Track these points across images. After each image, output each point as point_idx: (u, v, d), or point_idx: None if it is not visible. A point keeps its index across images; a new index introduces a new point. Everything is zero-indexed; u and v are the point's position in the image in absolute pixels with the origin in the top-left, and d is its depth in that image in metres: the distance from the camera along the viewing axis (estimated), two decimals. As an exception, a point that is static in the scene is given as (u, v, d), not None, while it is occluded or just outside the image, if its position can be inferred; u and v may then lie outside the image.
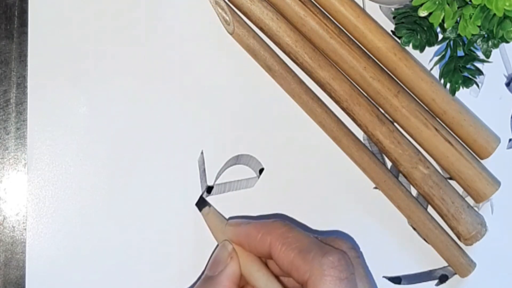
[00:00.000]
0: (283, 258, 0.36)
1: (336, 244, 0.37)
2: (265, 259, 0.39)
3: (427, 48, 0.42)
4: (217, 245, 0.40)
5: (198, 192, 0.43)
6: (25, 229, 0.42)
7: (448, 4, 0.39)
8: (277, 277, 0.38)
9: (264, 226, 0.37)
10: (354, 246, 0.38)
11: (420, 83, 0.43)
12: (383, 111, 0.44)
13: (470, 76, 0.42)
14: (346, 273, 0.34)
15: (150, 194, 0.43)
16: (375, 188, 0.44)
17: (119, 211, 0.42)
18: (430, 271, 0.45)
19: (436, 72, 0.43)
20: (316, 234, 0.38)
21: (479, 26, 0.39)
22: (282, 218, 0.41)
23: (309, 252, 0.35)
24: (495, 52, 0.42)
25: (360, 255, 0.37)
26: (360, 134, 0.44)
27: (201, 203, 0.43)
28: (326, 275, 0.34)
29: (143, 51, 0.43)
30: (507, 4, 0.37)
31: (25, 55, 0.42)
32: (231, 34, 0.43)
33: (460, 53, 0.42)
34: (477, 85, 0.42)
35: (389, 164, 0.45)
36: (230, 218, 0.43)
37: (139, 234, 0.42)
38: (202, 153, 0.43)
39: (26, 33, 0.42)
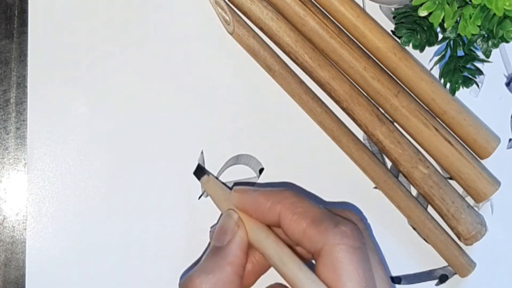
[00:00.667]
0: (294, 227, 0.35)
1: (346, 215, 0.37)
2: (271, 228, 0.38)
3: (427, 48, 0.42)
4: (220, 215, 0.39)
5: (198, 192, 0.43)
6: (25, 229, 0.42)
7: (448, 4, 0.39)
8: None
9: (274, 194, 0.37)
10: (362, 218, 0.38)
11: (420, 83, 0.43)
12: (383, 111, 0.44)
13: (470, 76, 0.42)
14: (359, 242, 0.34)
15: (150, 194, 0.43)
16: (375, 188, 0.44)
17: (119, 211, 0.42)
18: (430, 271, 0.45)
19: (436, 72, 0.43)
20: (324, 205, 0.38)
21: (479, 26, 0.39)
22: (291, 188, 0.41)
23: (322, 222, 0.35)
24: (495, 52, 0.42)
25: (367, 227, 0.37)
26: (360, 134, 0.44)
27: (200, 172, 0.42)
28: (340, 244, 0.34)
29: (143, 51, 0.43)
30: (507, 4, 0.37)
31: (25, 55, 0.42)
32: (231, 34, 0.43)
33: (460, 53, 0.42)
34: (477, 85, 0.42)
35: (389, 164, 0.45)
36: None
37: (139, 234, 0.42)
38: (202, 153, 0.43)
39: (26, 33, 0.42)
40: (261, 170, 0.44)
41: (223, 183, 0.42)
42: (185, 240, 0.43)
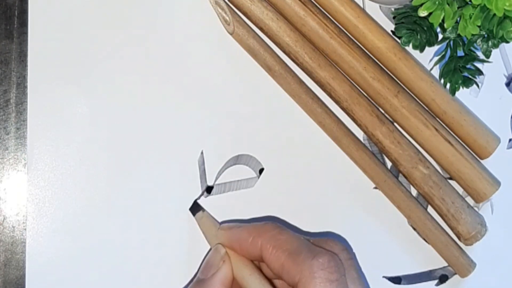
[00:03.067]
0: (274, 260, 0.36)
1: (328, 246, 0.37)
2: (258, 263, 0.39)
3: (427, 48, 0.42)
4: (210, 249, 0.40)
5: (198, 192, 0.43)
6: (25, 229, 0.42)
7: (448, 4, 0.39)
8: (270, 281, 0.38)
9: (255, 229, 0.37)
10: (347, 248, 0.37)
11: (420, 83, 0.43)
12: (383, 111, 0.44)
13: (470, 76, 0.42)
14: (336, 275, 0.34)
15: (150, 194, 0.43)
16: (375, 188, 0.44)
17: (119, 211, 0.42)
18: (430, 271, 0.45)
19: (436, 72, 0.43)
20: (308, 235, 0.38)
21: (479, 26, 0.39)
22: (273, 221, 0.41)
23: (299, 254, 0.35)
24: (495, 52, 0.42)
25: (352, 257, 0.37)
26: (360, 134, 0.44)
27: (195, 208, 0.43)
28: (316, 277, 0.34)
29: (143, 51, 0.43)
30: (507, 4, 0.37)
31: (25, 55, 0.42)
32: (231, 34, 0.43)
33: (460, 53, 0.42)
34: (477, 85, 0.42)
35: (389, 164, 0.45)
36: (228, 219, 0.43)
37: (139, 234, 0.42)
38: (202, 153, 0.43)
39: (26, 33, 0.42)
40: (261, 170, 0.44)
41: (215, 219, 0.42)
42: (185, 240, 0.43)
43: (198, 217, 0.42)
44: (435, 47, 0.44)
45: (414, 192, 0.45)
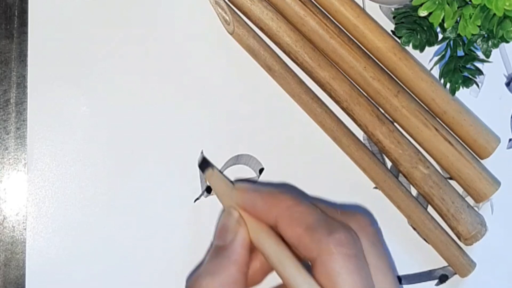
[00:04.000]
0: (290, 233, 0.35)
1: (355, 219, 0.36)
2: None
3: (427, 48, 0.42)
4: (222, 211, 0.39)
5: (198, 192, 0.43)
6: (25, 229, 0.42)
7: (448, 4, 0.39)
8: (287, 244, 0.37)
9: (271, 197, 0.37)
10: (372, 222, 0.37)
11: (420, 83, 0.43)
12: (383, 111, 0.44)
13: (470, 76, 0.42)
14: (355, 250, 0.34)
15: (150, 194, 0.43)
16: (375, 188, 0.44)
17: (119, 211, 0.42)
18: (430, 271, 0.45)
19: (436, 72, 0.43)
20: (335, 206, 0.37)
21: (479, 26, 0.39)
22: (290, 189, 0.41)
23: (316, 230, 0.35)
24: (495, 52, 0.42)
25: (378, 231, 0.37)
26: (360, 134, 0.44)
27: (204, 164, 0.42)
28: (335, 253, 0.34)
29: (143, 51, 0.43)
30: (507, 4, 0.37)
31: (25, 55, 0.42)
32: (231, 34, 0.43)
33: (460, 53, 0.42)
34: (477, 85, 0.42)
35: (389, 164, 0.45)
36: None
37: (139, 234, 0.42)
38: (202, 153, 0.43)
39: (26, 33, 0.42)
40: (261, 170, 0.44)
41: (227, 178, 0.42)
42: (187, 240, 0.43)
43: (208, 174, 0.41)
44: (435, 47, 0.44)
45: (414, 192, 0.45)
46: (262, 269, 0.38)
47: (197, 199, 0.43)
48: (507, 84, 0.46)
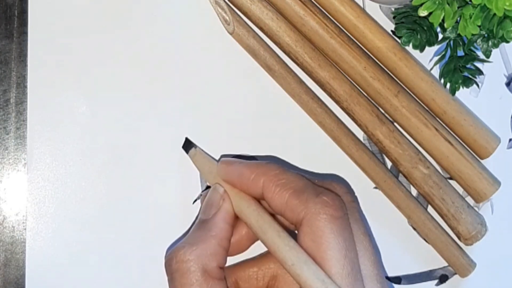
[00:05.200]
0: (277, 199, 0.36)
1: (332, 188, 0.37)
2: (258, 199, 0.38)
3: (427, 48, 0.42)
4: (206, 187, 0.39)
5: (198, 192, 0.43)
6: (25, 229, 0.42)
7: (448, 4, 0.39)
8: (271, 214, 0.37)
9: (258, 166, 0.37)
10: (349, 191, 0.38)
11: (420, 83, 0.43)
12: (383, 111, 0.44)
13: (470, 76, 0.42)
14: (341, 212, 0.35)
15: (150, 194, 0.43)
16: (375, 188, 0.44)
17: (119, 211, 0.42)
18: (430, 271, 0.45)
19: (436, 72, 0.43)
20: (312, 176, 0.38)
21: (479, 26, 0.39)
22: (276, 160, 0.41)
23: (303, 192, 0.35)
24: (495, 52, 0.42)
25: (355, 200, 0.38)
26: (360, 134, 0.44)
27: (188, 145, 0.42)
28: (321, 213, 0.34)
29: (143, 51, 0.43)
30: (507, 4, 0.37)
31: (25, 55, 0.42)
32: (231, 34, 0.43)
33: (460, 53, 0.42)
34: (477, 85, 0.42)
35: (389, 164, 0.45)
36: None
37: (139, 234, 0.42)
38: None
39: (26, 33, 0.42)
40: (261, 170, 0.44)
41: (211, 157, 0.42)
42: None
43: (191, 154, 0.41)
44: (435, 47, 0.44)
45: (414, 192, 0.45)
46: (247, 237, 0.39)
47: (196, 200, 0.43)
48: (507, 84, 0.46)
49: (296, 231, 0.36)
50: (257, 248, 0.40)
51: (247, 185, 0.37)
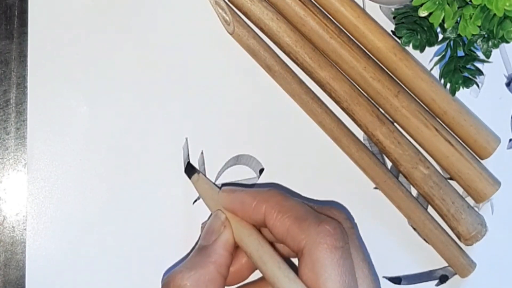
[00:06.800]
0: (279, 226, 0.36)
1: (331, 214, 0.37)
2: (258, 228, 0.38)
3: (427, 48, 0.42)
4: (210, 215, 0.40)
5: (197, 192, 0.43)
6: (25, 229, 0.42)
7: (448, 4, 0.39)
8: (270, 243, 0.37)
9: (260, 194, 0.37)
10: (349, 217, 0.38)
11: (420, 83, 0.43)
12: (383, 111, 0.44)
13: (470, 76, 0.42)
14: (342, 242, 0.35)
15: (150, 194, 0.43)
16: (375, 188, 0.44)
17: (119, 211, 0.42)
18: (430, 271, 0.45)
19: (436, 72, 0.43)
20: (311, 203, 0.38)
21: (479, 26, 0.39)
22: (277, 188, 0.41)
23: (305, 220, 0.35)
24: (495, 52, 0.42)
25: (354, 226, 0.38)
26: (360, 134, 0.44)
27: (190, 170, 0.42)
28: (322, 243, 0.34)
29: (143, 51, 0.43)
30: (507, 4, 0.37)
31: (25, 55, 0.42)
32: (231, 34, 0.43)
33: (460, 53, 0.42)
34: (477, 85, 0.42)
35: (389, 164, 0.45)
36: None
37: (139, 234, 0.42)
38: (202, 153, 0.43)
39: (26, 33, 0.42)
40: (261, 171, 0.44)
41: (213, 183, 0.42)
42: (185, 238, 0.43)
43: (194, 179, 0.42)
44: (435, 47, 0.44)
45: (414, 192, 0.45)
46: (247, 266, 0.39)
47: (196, 200, 0.43)
48: (507, 84, 0.46)
49: (297, 259, 0.36)
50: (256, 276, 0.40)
51: (249, 212, 0.37)
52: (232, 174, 0.43)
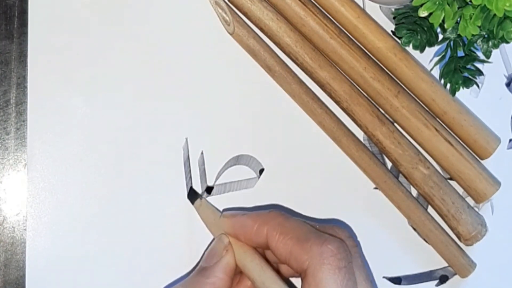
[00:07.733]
0: (281, 247, 0.36)
1: (334, 233, 0.37)
2: (262, 250, 0.39)
3: (427, 48, 0.42)
4: (213, 239, 0.40)
5: (198, 192, 0.43)
6: (25, 229, 0.42)
7: (448, 5, 0.39)
8: (272, 266, 0.38)
9: (261, 216, 0.37)
10: (352, 235, 0.38)
11: (420, 83, 0.43)
12: (383, 112, 0.44)
13: (470, 77, 0.42)
14: (345, 262, 0.35)
15: (150, 194, 0.43)
16: (375, 188, 0.44)
17: (119, 211, 0.42)
18: (430, 271, 0.45)
19: (436, 72, 0.43)
20: (313, 222, 0.38)
21: (479, 27, 0.39)
22: (278, 209, 0.41)
23: (308, 240, 0.35)
24: (495, 52, 0.42)
25: (357, 244, 0.38)
26: (360, 134, 0.44)
27: (193, 196, 0.42)
28: (326, 264, 0.34)
29: (143, 51, 0.43)
30: (507, 4, 0.37)
31: (25, 55, 0.42)
32: (231, 34, 0.43)
33: (460, 53, 0.42)
34: (477, 86, 0.42)
35: (389, 164, 0.45)
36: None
37: (139, 234, 0.42)
38: (202, 153, 0.43)
39: (26, 33, 0.42)
40: (261, 171, 0.44)
41: (215, 207, 0.42)
42: (186, 239, 0.43)
43: (196, 205, 0.42)
44: (435, 48, 0.44)
45: (414, 192, 0.45)
46: None
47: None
48: (507, 85, 0.46)
49: (301, 280, 0.35)
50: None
51: (251, 235, 0.37)
52: (232, 175, 0.43)
